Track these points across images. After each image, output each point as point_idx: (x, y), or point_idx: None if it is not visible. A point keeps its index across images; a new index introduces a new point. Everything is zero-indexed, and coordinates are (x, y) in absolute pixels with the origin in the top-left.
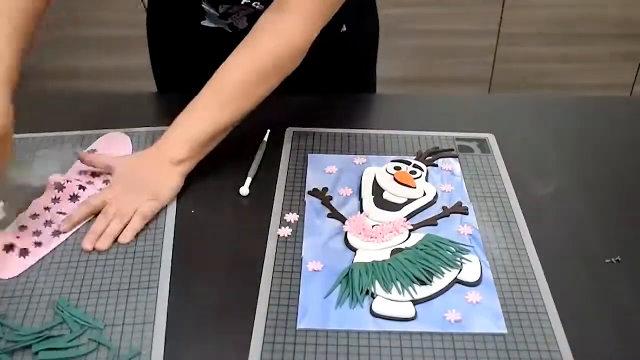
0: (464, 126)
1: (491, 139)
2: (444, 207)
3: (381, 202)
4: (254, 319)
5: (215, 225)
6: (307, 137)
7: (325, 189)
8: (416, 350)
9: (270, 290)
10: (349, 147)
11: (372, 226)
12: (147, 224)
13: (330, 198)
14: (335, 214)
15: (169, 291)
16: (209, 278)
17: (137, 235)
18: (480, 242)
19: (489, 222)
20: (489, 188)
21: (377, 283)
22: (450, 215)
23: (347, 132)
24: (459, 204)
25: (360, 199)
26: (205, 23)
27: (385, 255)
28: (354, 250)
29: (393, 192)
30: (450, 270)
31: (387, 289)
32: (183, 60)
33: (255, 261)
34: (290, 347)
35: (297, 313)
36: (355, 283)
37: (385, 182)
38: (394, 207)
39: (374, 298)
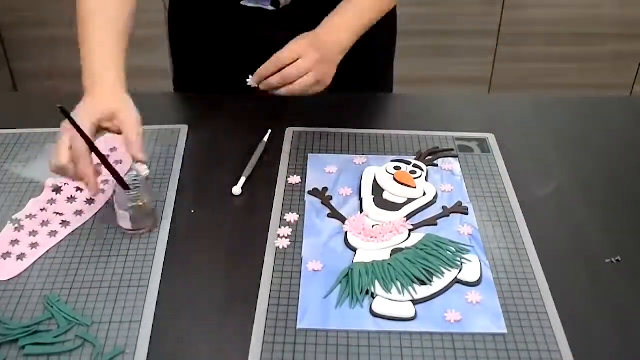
0: (464, 126)
1: (491, 139)
2: (444, 207)
3: (381, 202)
4: (254, 319)
5: (215, 225)
6: (307, 137)
7: (325, 189)
8: (416, 350)
9: (270, 290)
10: (349, 147)
11: (372, 226)
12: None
13: (330, 198)
14: (335, 214)
15: (167, 291)
16: (209, 278)
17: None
18: (480, 242)
19: (489, 222)
20: (489, 188)
21: (377, 283)
22: (450, 215)
23: (347, 132)
24: (459, 204)
25: (360, 199)
26: (245, 2)
27: (385, 255)
28: (354, 250)
29: (393, 192)
30: (450, 270)
31: (387, 289)
32: (215, 48)
33: (255, 261)
34: (290, 347)
35: (297, 313)
36: (355, 283)
37: (385, 182)
38: (394, 207)
39: (374, 298)
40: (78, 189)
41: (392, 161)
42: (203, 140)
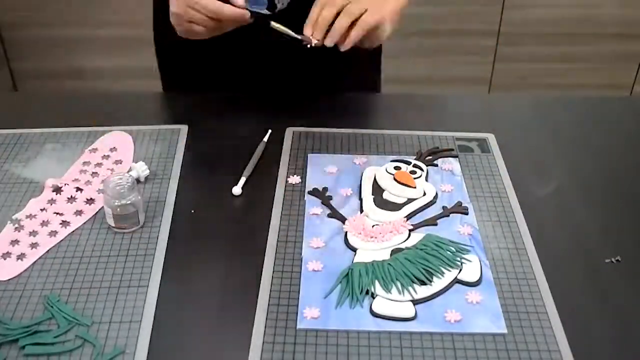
0: (464, 126)
1: (491, 138)
2: (444, 207)
3: (381, 202)
4: (254, 319)
5: (215, 225)
6: (307, 137)
7: (325, 189)
8: (416, 350)
9: (270, 290)
10: (349, 147)
11: (372, 226)
12: (143, 223)
13: (330, 198)
14: (335, 214)
15: (167, 291)
16: (209, 278)
17: (131, 233)
18: (480, 242)
19: (489, 222)
20: (489, 188)
21: (377, 283)
22: (450, 215)
23: (347, 132)
24: (459, 204)
25: (360, 199)
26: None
27: (385, 255)
28: (354, 250)
29: (393, 192)
30: (450, 270)
31: (387, 289)
32: (207, 50)
33: (255, 261)
34: (290, 347)
35: (297, 313)
36: (355, 283)
37: (385, 182)
38: (394, 207)
39: (374, 298)
40: (78, 189)
41: (392, 161)
42: (203, 140)
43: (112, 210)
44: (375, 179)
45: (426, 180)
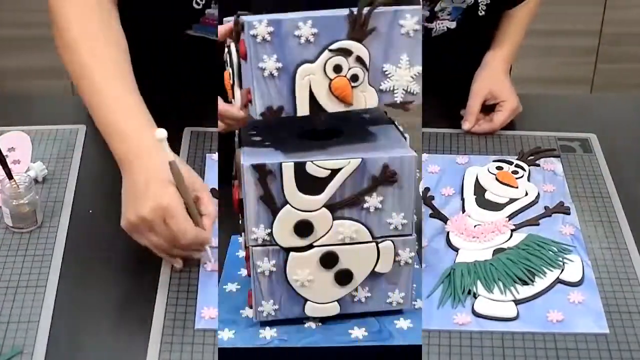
0: (566, 126)
1: (593, 139)
2: (545, 207)
3: (483, 202)
4: (152, 318)
5: (112, 224)
6: (205, 137)
7: (427, 189)
8: (518, 350)
9: (169, 291)
10: (451, 147)
11: (474, 226)
12: (41, 223)
13: (433, 198)
14: (437, 214)
15: (65, 292)
16: (107, 278)
17: (29, 233)
18: (583, 242)
19: (591, 222)
20: (591, 188)
21: (479, 283)
22: (552, 215)
23: (448, 132)
24: (561, 204)
25: (463, 199)
26: (192, 32)
27: (487, 255)
28: (456, 250)
29: (495, 192)
30: (552, 270)
31: (489, 289)
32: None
33: (153, 262)
34: (188, 347)
35: (194, 313)
36: (457, 283)
37: (488, 182)
38: (496, 207)
39: (476, 298)
40: None
41: (494, 161)
42: (100, 141)
43: (10, 210)
44: (477, 178)
45: (528, 180)
